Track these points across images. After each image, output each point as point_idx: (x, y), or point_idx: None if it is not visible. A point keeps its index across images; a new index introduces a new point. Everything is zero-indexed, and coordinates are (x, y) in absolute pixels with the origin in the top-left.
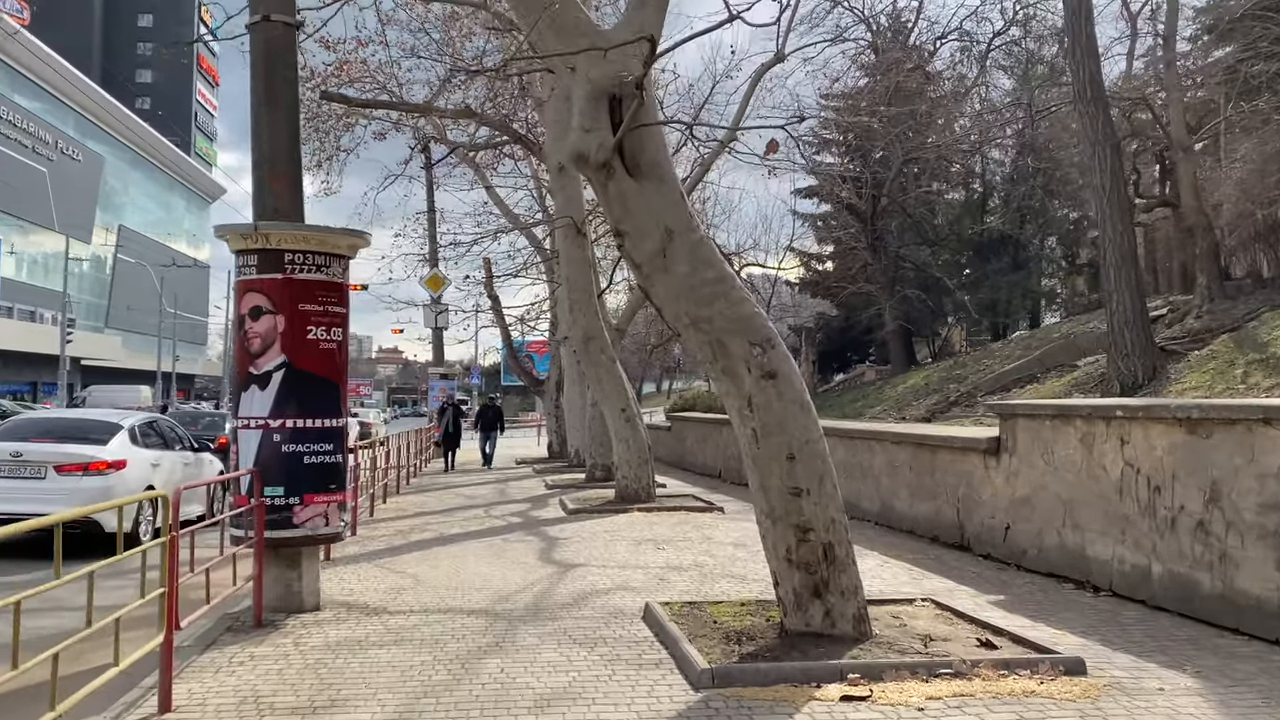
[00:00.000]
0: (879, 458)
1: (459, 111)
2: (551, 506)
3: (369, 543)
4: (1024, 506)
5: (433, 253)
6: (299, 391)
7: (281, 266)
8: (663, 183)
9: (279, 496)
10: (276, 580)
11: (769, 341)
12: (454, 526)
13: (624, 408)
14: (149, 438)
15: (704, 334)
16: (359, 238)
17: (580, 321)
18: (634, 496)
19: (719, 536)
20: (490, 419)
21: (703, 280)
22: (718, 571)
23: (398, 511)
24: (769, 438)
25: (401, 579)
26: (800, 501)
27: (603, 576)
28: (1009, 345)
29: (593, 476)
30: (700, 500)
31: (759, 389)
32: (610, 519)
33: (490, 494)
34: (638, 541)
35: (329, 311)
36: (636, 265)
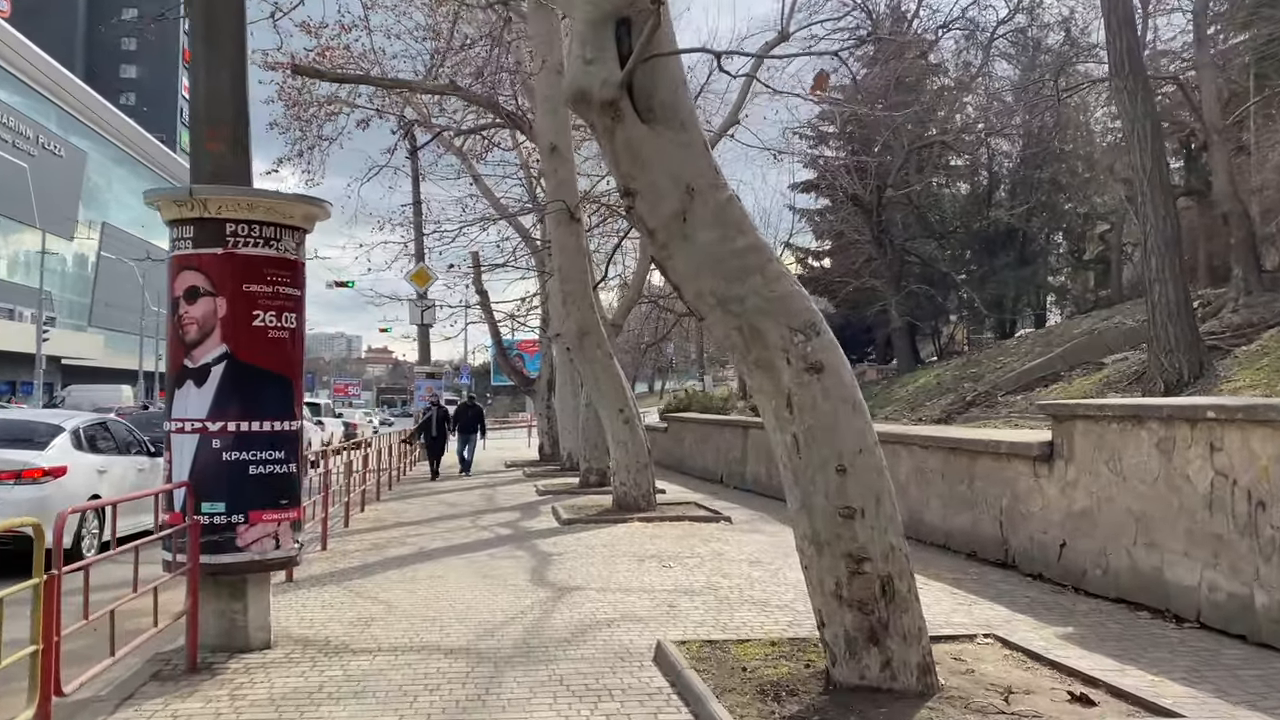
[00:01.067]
0: (905, 463)
1: (443, 87)
2: (543, 516)
3: (339, 558)
4: (1083, 521)
5: (419, 247)
6: (243, 388)
7: (222, 239)
8: (683, 129)
9: (219, 514)
10: (218, 614)
11: (813, 326)
12: (436, 539)
13: (622, 408)
14: (98, 441)
15: (733, 317)
16: (316, 206)
17: (574, 315)
18: (633, 505)
19: (730, 552)
20: (470, 420)
21: (732, 250)
22: (735, 597)
23: (375, 521)
24: (813, 446)
25: (372, 606)
26: (853, 525)
27: (603, 603)
28: (1024, 342)
29: (587, 481)
30: (705, 509)
31: (801, 385)
32: (608, 530)
33: (477, 501)
34: (640, 558)
35: (280, 293)
36: (650, 232)
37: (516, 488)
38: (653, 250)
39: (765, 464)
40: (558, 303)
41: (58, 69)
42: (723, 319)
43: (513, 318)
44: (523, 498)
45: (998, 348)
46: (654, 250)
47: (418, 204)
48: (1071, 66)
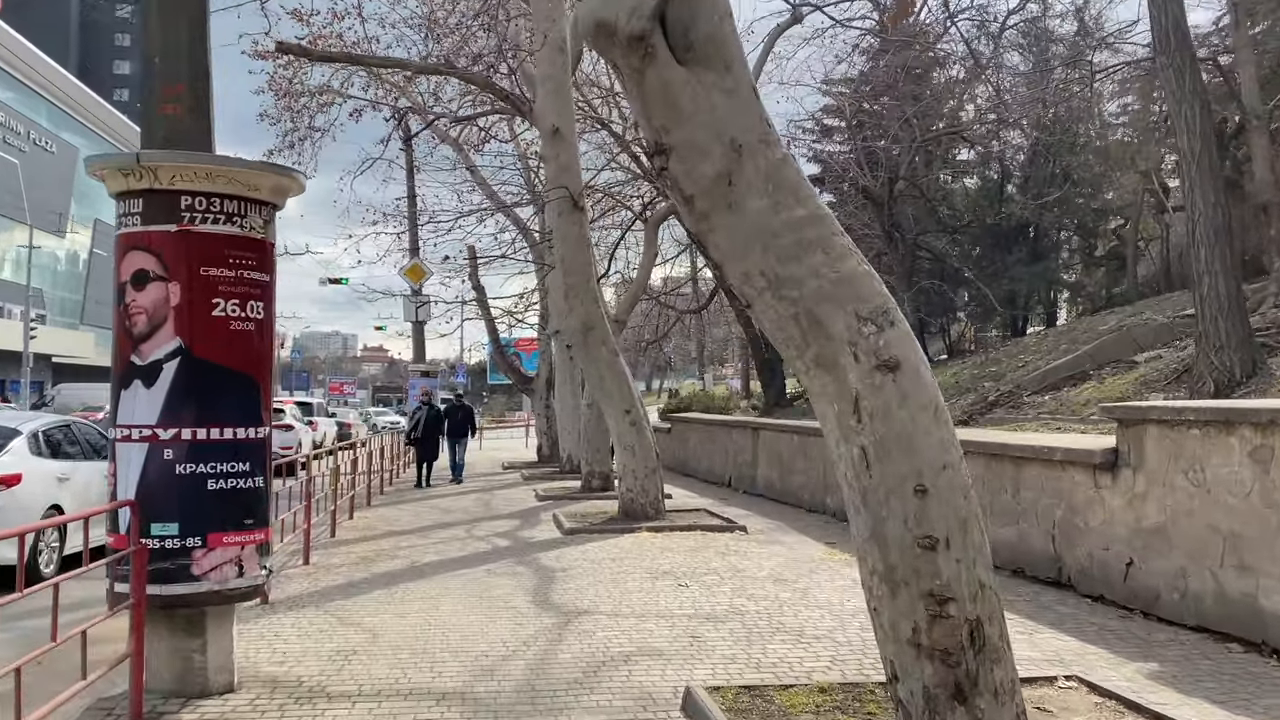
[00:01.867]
0: None
1: (437, 67)
2: (544, 524)
3: (322, 575)
4: (1156, 538)
5: (413, 241)
6: (201, 389)
7: (176, 214)
8: (727, 71)
9: (171, 537)
10: (171, 653)
11: (886, 315)
12: (429, 552)
13: (628, 409)
14: (61, 446)
15: (788, 304)
16: (286, 176)
17: (577, 309)
18: (640, 512)
19: (750, 568)
20: (459, 422)
21: (788, 221)
22: (764, 624)
23: (365, 530)
24: (887, 461)
25: (355, 634)
26: (934, 558)
27: (616, 631)
28: (1044, 340)
29: (589, 486)
30: (717, 517)
31: (872, 387)
32: (615, 541)
33: (473, 507)
34: (653, 575)
35: (244, 279)
36: (686, 199)
37: (515, 492)
38: (689, 222)
39: (778, 468)
40: (558, 297)
41: (49, 64)
42: (774, 306)
43: (510, 314)
44: (522, 503)
45: (1016, 345)
46: (691, 221)
47: (412, 197)
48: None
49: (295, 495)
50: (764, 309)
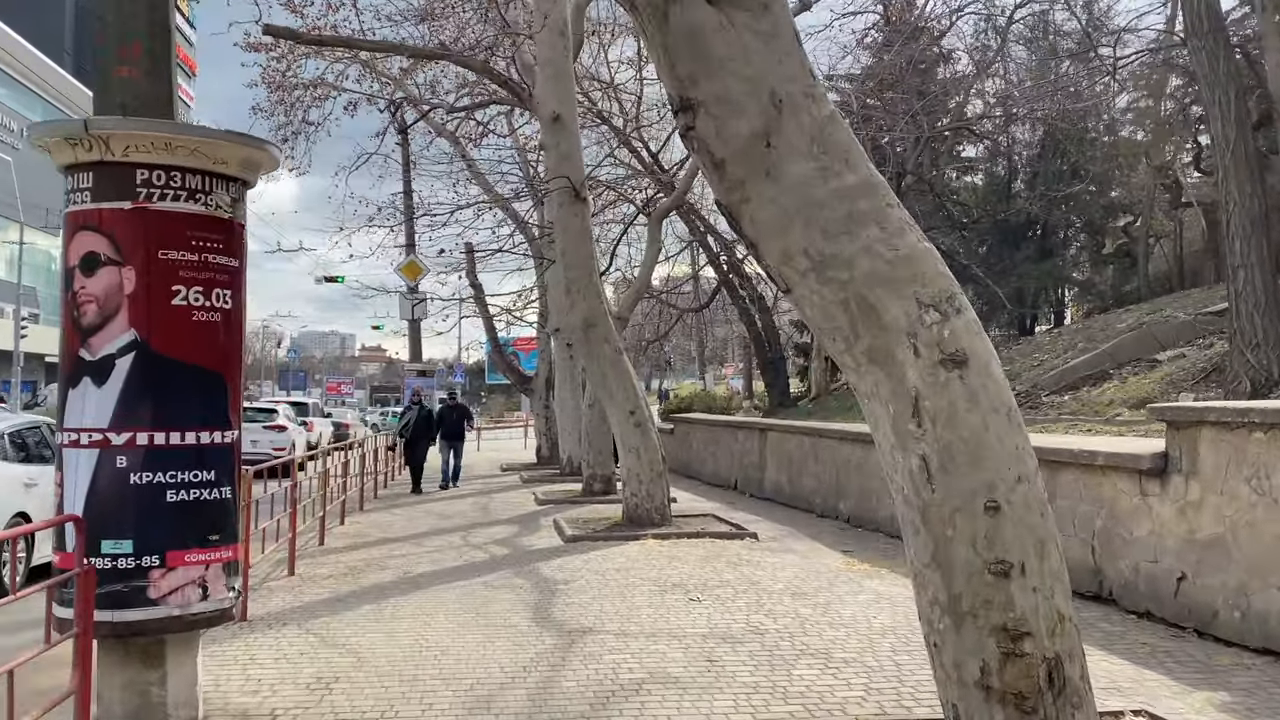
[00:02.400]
0: None
1: (430, 51)
2: (545, 531)
3: (307, 588)
4: (1213, 551)
5: (409, 238)
6: (159, 388)
7: (131, 190)
8: (765, 11)
9: (125, 555)
10: (125, 687)
11: (951, 300)
12: (422, 561)
13: (633, 409)
14: (31, 448)
15: (836, 288)
16: (257, 148)
17: (579, 305)
18: (645, 519)
19: (765, 579)
20: (454, 423)
21: (836, 190)
22: (787, 646)
23: (355, 537)
24: (953, 472)
25: (338, 658)
26: (1008, 586)
27: (625, 653)
28: (1058, 339)
29: (590, 489)
30: (726, 523)
31: (936, 385)
32: (620, 549)
33: (470, 511)
34: (661, 587)
35: (209, 263)
36: (716, 165)
37: (513, 495)
38: (719, 191)
39: (787, 471)
40: (559, 294)
41: (44, 61)
42: (819, 290)
43: (508, 312)
44: (521, 507)
45: (1028, 344)
46: (721, 191)
47: (408, 192)
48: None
49: (282, 500)
50: (806, 294)
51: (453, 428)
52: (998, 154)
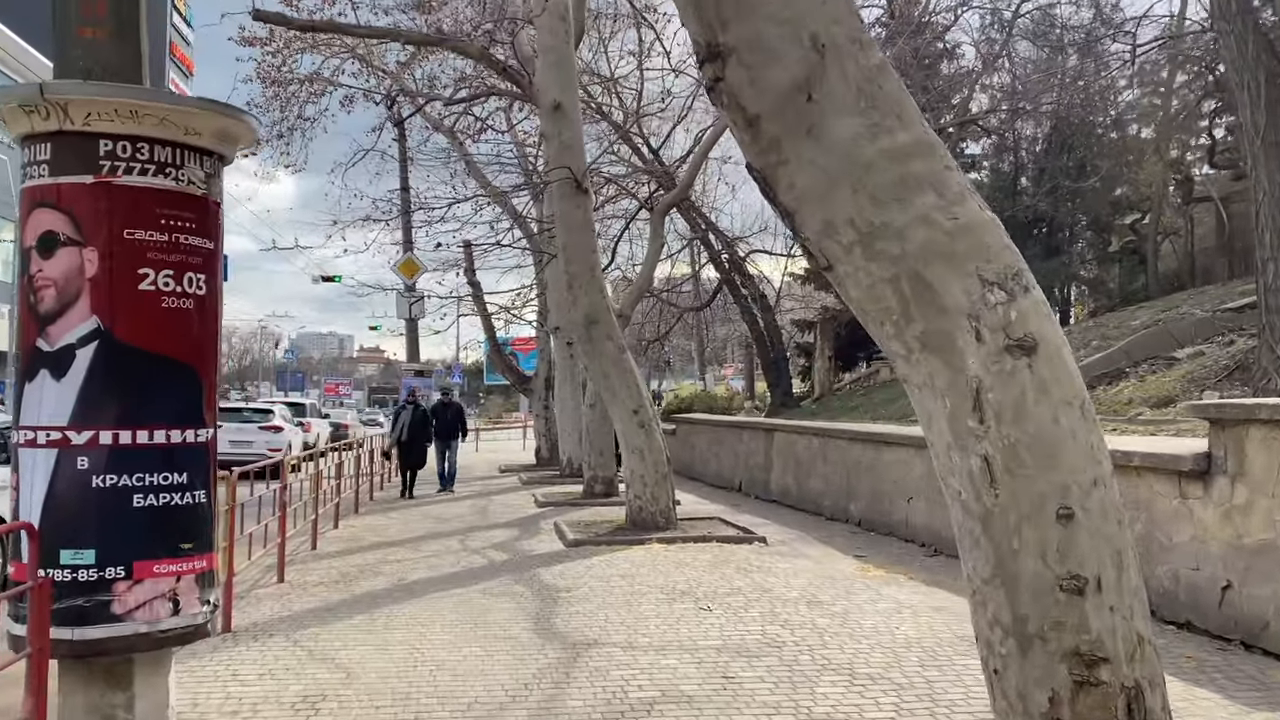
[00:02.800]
0: None
1: (427, 37)
2: (545, 534)
3: (297, 595)
4: (1262, 558)
5: (406, 235)
6: (124, 382)
7: (94, 163)
8: None
9: (87, 567)
10: (89, 712)
11: (1018, 277)
12: (418, 567)
13: (636, 409)
14: (4, 449)
15: (886, 263)
16: (234, 118)
17: (581, 301)
18: (650, 522)
19: (778, 586)
20: (448, 422)
21: (888, 150)
22: (808, 660)
23: (349, 541)
24: (1020, 475)
25: (326, 674)
26: (1082, 604)
27: (634, 669)
28: (1069, 337)
29: (591, 491)
30: (732, 526)
31: (1001, 374)
32: (624, 554)
33: (468, 514)
34: (669, 595)
35: (181, 244)
36: (749, 121)
37: (512, 497)
38: (752, 153)
39: (794, 472)
40: (559, 290)
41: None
42: (866, 266)
43: (507, 310)
44: (520, 510)
45: None
46: (754, 152)
47: (405, 189)
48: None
49: (274, 503)
50: (851, 270)
51: (447, 427)
52: (1004, 149)
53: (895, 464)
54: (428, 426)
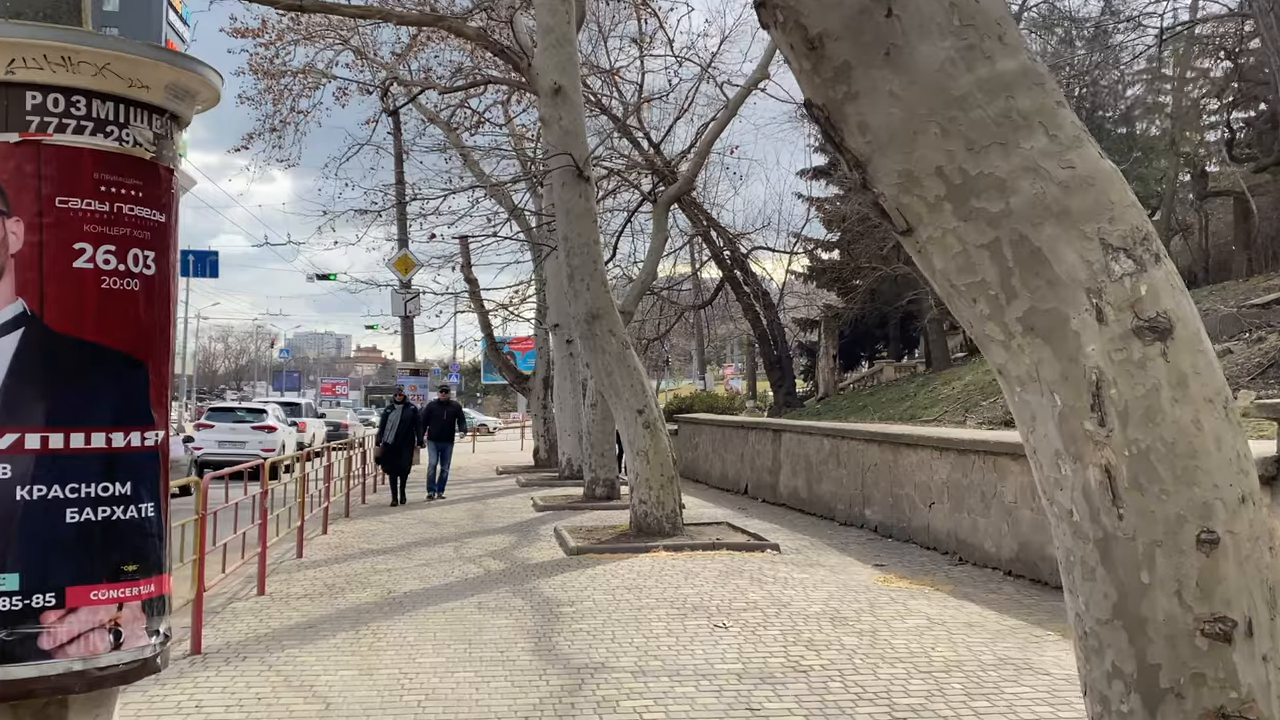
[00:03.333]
0: (1015, 480)
1: (420, 18)
2: (545, 540)
3: (276, 610)
4: None
5: (401, 230)
6: (55, 375)
7: (20, 118)
8: None
9: (10, 594)
10: None
11: (1147, 243)
12: (409, 577)
13: (641, 409)
14: None
15: (981, 225)
16: (188, 70)
17: (583, 295)
18: (655, 528)
19: (797, 601)
20: (444, 424)
21: (987, 80)
22: (839, 687)
23: (337, 549)
24: (1152, 490)
25: (302, 705)
26: (1229, 654)
27: (645, 698)
28: None
29: (592, 494)
30: (742, 532)
31: (1129, 364)
32: (629, 563)
33: (463, 518)
34: (680, 610)
35: (125, 216)
36: (810, 44)
37: (510, 500)
38: (812, 86)
39: (805, 475)
40: (559, 285)
41: None
42: (959, 228)
43: (505, 308)
44: (518, 513)
45: None
46: (816, 85)
47: (400, 182)
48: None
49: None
50: (938, 234)
51: (442, 428)
52: None
53: (916, 466)
54: (414, 428)
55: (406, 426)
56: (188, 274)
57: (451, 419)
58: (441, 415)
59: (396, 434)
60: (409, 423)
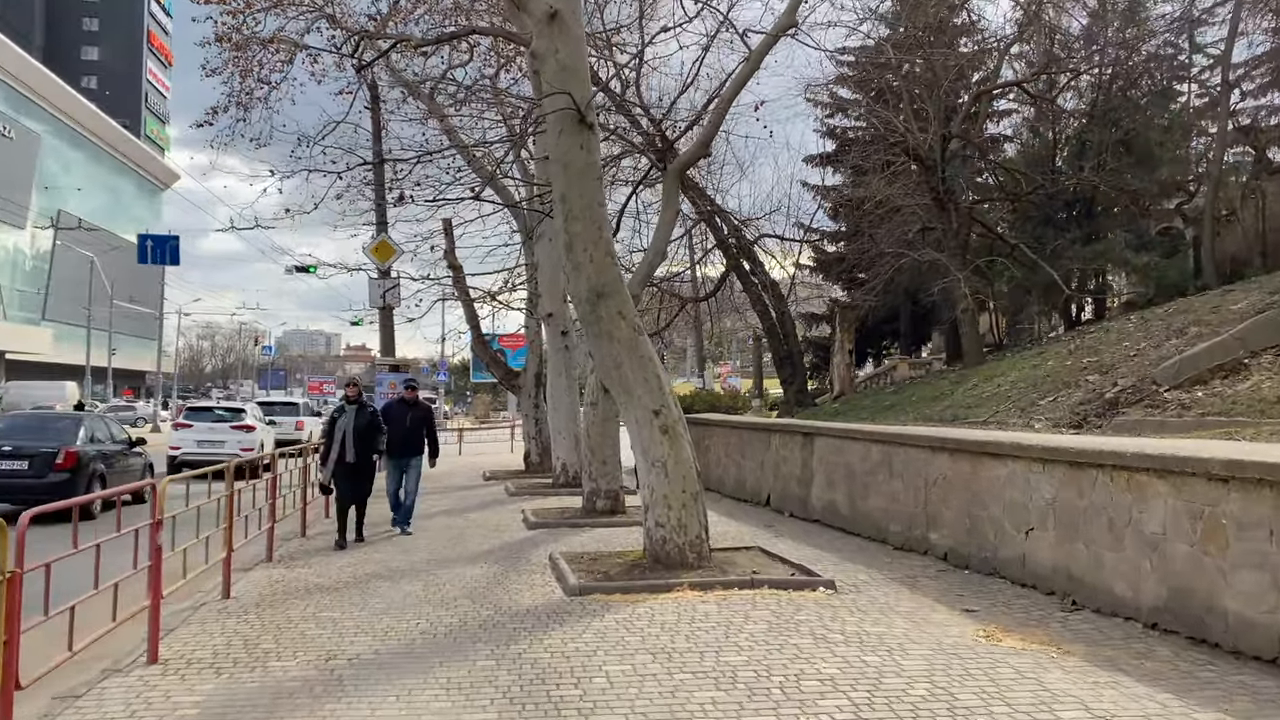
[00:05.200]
0: (1162, 504)
1: None
2: (538, 572)
3: (164, 691)
4: None
5: (379, 215)
6: None
7: None
8: None
9: None
10: None
11: None
12: (359, 632)
13: (658, 409)
14: None
15: None
16: None
17: (585, 269)
18: (676, 558)
19: (882, 669)
20: (409, 431)
21: None
22: None
23: (277, 583)
24: None
25: None
26: None
27: None
28: (1145, 325)
29: (592, 507)
30: (781, 561)
31: None
32: (648, 609)
33: (439, 539)
34: (725, 684)
35: None
36: None
37: (497, 514)
38: None
39: (846, 487)
40: (552, 268)
41: (10, 47)
42: None
43: (492, 296)
44: (506, 532)
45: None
46: None
47: (380, 163)
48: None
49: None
50: None
51: (405, 438)
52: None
53: (1005, 481)
54: (373, 440)
55: (365, 435)
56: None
57: (419, 426)
58: (403, 420)
59: (355, 447)
60: (368, 430)
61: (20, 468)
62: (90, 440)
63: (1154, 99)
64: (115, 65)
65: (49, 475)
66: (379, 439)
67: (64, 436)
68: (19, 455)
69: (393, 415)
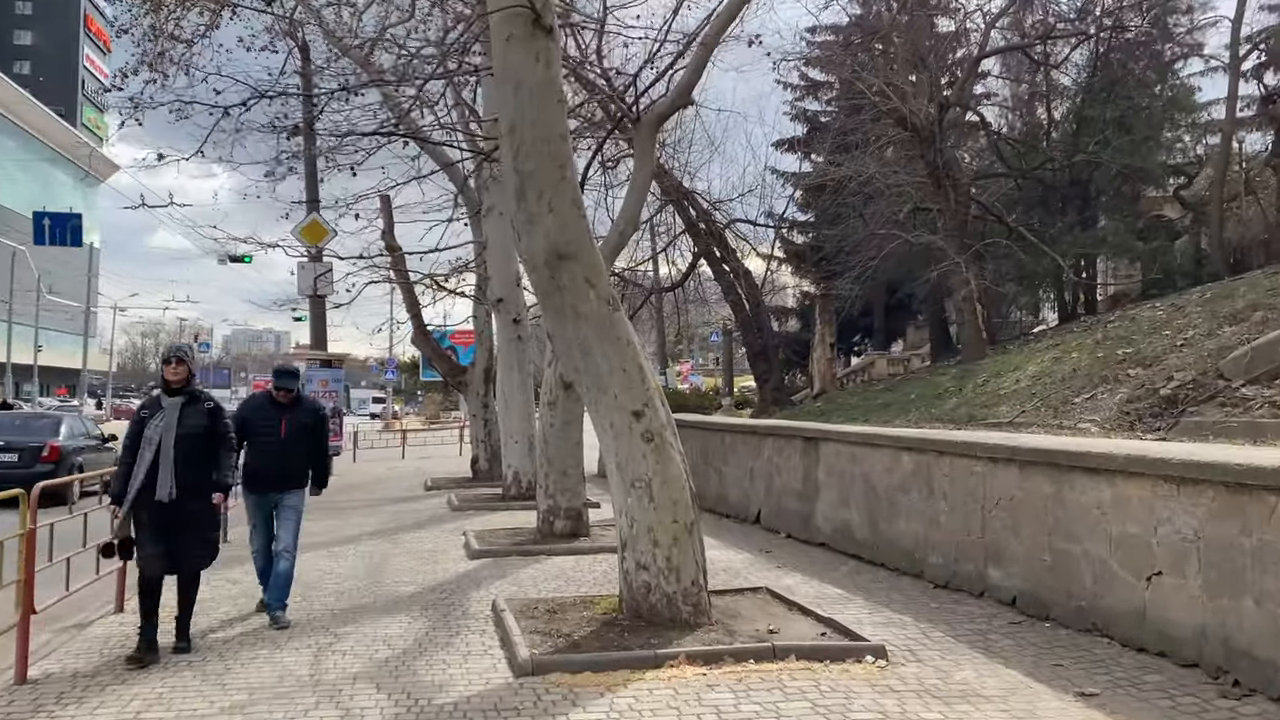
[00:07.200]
0: None
1: None
2: (478, 633)
3: None
4: None
5: (311, 192)
6: None
7: None
8: None
9: None
10: None
11: None
12: None
13: (639, 409)
14: None
15: None
16: None
17: (542, 220)
18: (665, 612)
19: None
20: (285, 446)
21: None
22: None
23: (106, 655)
24: None
25: None
26: None
27: None
28: (1180, 310)
29: (549, 529)
30: (804, 613)
31: None
32: (631, 698)
33: (355, 573)
34: None
35: None
36: None
37: (435, 536)
38: None
39: (864, 505)
40: (503, 246)
41: None
42: None
43: (435, 283)
44: (442, 563)
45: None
46: None
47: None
48: None
49: None
50: None
51: (278, 460)
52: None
53: (1110, 507)
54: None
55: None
56: (43, 242)
57: (301, 441)
58: (273, 430)
59: (179, 475)
60: (203, 441)
61: (11, 459)
62: (70, 436)
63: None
64: (50, 50)
65: (36, 466)
66: (226, 458)
67: (48, 433)
68: (10, 449)
69: (255, 424)
